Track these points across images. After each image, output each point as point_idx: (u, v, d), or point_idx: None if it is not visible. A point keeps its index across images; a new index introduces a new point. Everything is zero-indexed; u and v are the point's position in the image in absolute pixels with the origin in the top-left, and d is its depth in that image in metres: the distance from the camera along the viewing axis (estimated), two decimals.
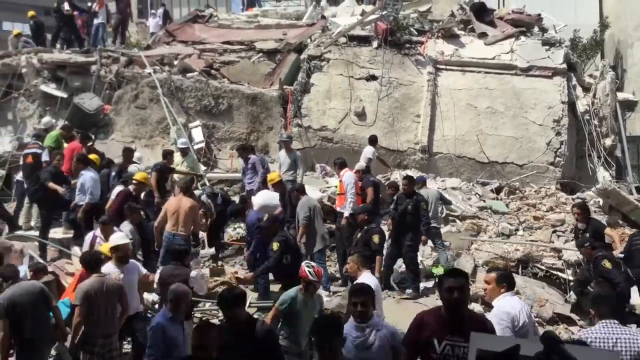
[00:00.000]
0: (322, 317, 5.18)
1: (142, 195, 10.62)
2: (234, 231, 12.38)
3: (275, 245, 8.38)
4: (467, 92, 15.31)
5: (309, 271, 6.60)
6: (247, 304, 8.88)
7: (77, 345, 6.73)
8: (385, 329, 4.87)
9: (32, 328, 6.55)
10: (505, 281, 5.31)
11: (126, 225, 9.09)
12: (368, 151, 13.02)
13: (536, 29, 16.65)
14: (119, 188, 10.32)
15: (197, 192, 11.26)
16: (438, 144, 14.96)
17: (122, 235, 7.75)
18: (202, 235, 11.24)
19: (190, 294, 6.39)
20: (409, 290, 9.60)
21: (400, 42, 15.81)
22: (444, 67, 15.60)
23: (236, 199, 12.24)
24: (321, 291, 9.30)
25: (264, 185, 11.98)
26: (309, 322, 5.43)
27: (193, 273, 7.59)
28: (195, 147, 14.32)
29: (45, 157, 11.94)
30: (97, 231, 8.81)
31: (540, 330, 5.95)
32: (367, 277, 7.17)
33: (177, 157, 12.80)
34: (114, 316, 6.85)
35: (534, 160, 14.74)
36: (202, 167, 13.99)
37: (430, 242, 11.04)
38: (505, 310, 5.08)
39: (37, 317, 6.60)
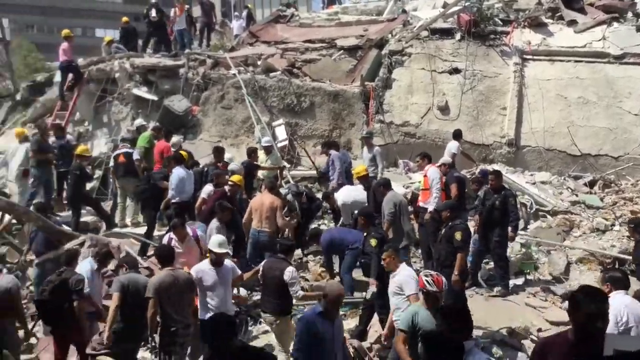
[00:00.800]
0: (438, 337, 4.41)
1: None
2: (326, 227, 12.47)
3: (373, 242, 8.12)
4: (557, 82, 14.75)
5: (426, 280, 6.09)
6: None
7: (160, 337, 7.05)
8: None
9: (132, 311, 7.06)
10: (608, 281, 5.24)
11: (214, 223, 9.32)
12: (452, 146, 12.78)
13: (629, 14, 15.81)
14: (209, 187, 10.57)
15: (282, 191, 11.37)
16: (526, 136, 14.48)
17: (221, 241, 7.52)
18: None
19: (343, 294, 6.25)
20: (497, 288, 9.37)
21: (485, 33, 15.46)
22: (531, 57, 15.12)
23: (319, 195, 12.32)
24: None
25: (348, 180, 12.01)
26: None
27: (290, 269, 7.49)
28: (279, 145, 14.54)
29: (136, 155, 12.44)
30: (172, 233, 8.87)
31: None
32: (404, 270, 7.06)
33: (261, 155, 13.04)
34: (187, 308, 7.13)
35: (630, 152, 14.01)
36: (287, 165, 14.19)
37: (518, 238, 10.75)
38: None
39: (139, 305, 7.03)
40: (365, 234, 8.66)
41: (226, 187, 10.32)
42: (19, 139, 13.41)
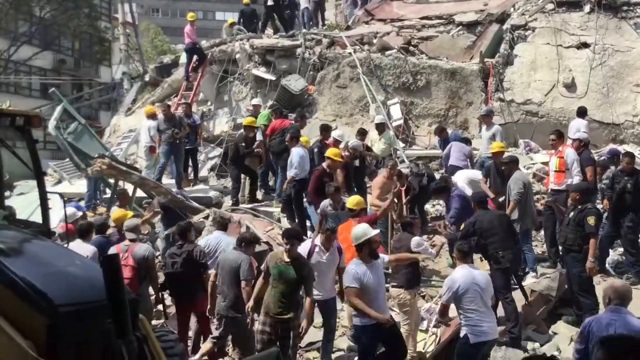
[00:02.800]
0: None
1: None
2: (433, 208, 12.33)
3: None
4: None
5: None
6: None
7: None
8: None
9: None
10: None
11: (327, 201, 9.41)
12: (579, 124, 12.01)
13: None
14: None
15: (404, 171, 11.25)
16: None
17: (364, 228, 6.87)
18: None
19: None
20: (627, 275, 8.84)
21: (617, 5, 14.66)
22: None
23: (438, 176, 12.13)
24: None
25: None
26: None
27: (416, 238, 7.76)
28: (394, 124, 14.43)
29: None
30: (318, 239, 7.75)
31: None
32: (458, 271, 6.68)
33: (374, 133, 13.03)
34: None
35: None
36: (400, 144, 14.08)
37: None
38: None
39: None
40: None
41: (324, 164, 10.35)
42: (147, 117, 14.20)
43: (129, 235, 7.84)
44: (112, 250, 7.40)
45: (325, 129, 12.33)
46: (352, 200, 8.76)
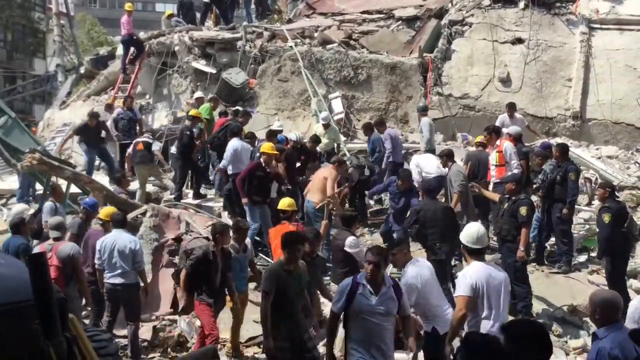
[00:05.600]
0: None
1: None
2: (373, 201, 12.41)
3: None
4: (626, 52, 14.19)
5: None
6: None
7: None
8: None
9: None
10: None
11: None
12: (501, 118, 12.40)
13: None
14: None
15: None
16: (592, 109, 14.06)
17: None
18: None
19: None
20: (559, 264, 9.15)
21: (550, 1, 14.99)
22: (599, 26, 14.53)
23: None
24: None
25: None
26: None
27: (351, 238, 7.37)
28: (335, 117, 14.49)
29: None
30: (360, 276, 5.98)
31: None
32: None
33: (319, 129, 13.03)
34: None
35: None
36: (342, 138, 14.14)
37: (582, 214, 10.48)
38: None
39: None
40: None
41: (260, 158, 10.13)
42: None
43: (53, 234, 7.51)
44: (37, 249, 7.09)
45: (271, 135, 11.88)
46: (283, 202, 8.27)
